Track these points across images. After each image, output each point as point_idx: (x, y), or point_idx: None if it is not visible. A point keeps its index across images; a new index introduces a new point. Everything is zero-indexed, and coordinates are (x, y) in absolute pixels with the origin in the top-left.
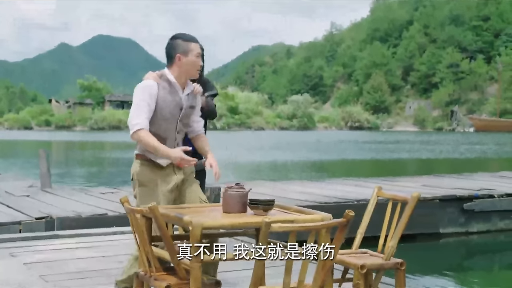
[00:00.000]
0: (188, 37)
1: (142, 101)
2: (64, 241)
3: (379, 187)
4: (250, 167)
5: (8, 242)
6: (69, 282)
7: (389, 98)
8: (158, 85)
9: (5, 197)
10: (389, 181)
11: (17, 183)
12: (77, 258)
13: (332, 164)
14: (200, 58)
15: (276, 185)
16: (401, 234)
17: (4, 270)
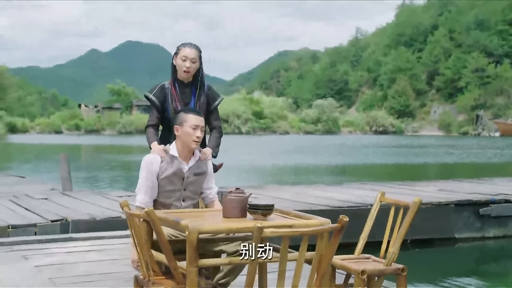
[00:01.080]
0: (189, 109)
1: (144, 179)
2: (77, 244)
3: (382, 192)
4: (272, 170)
5: (22, 244)
6: (76, 285)
7: (414, 102)
8: (162, 159)
9: (24, 200)
10: (407, 186)
11: (39, 186)
12: (88, 261)
13: (355, 168)
14: (199, 130)
15: (293, 189)
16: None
17: (15, 272)
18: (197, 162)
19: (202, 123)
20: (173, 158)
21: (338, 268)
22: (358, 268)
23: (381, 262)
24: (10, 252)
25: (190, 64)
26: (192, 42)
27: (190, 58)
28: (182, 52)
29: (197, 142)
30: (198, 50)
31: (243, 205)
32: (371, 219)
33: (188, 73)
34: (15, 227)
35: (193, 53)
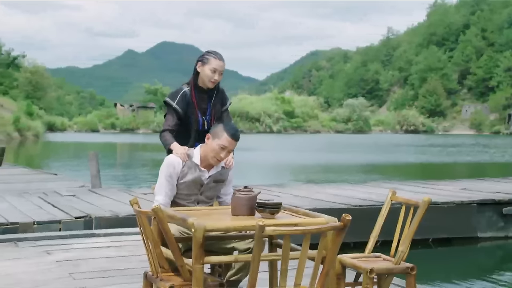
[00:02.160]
0: (230, 128)
1: (164, 179)
2: (98, 240)
3: (393, 191)
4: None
5: (46, 240)
6: (93, 281)
7: (445, 101)
8: (184, 163)
9: (52, 197)
10: (430, 185)
11: (69, 183)
12: (106, 257)
13: (384, 166)
14: (225, 151)
15: (314, 187)
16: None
17: (36, 266)
18: (220, 170)
19: (232, 147)
20: (195, 165)
21: (348, 266)
22: (366, 267)
23: (391, 261)
24: (34, 247)
25: (218, 76)
26: (224, 42)
27: (219, 70)
28: (212, 63)
29: (218, 161)
30: (224, 61)
31: (251, 203)
32: (381, 218)
33: (213, 84)
34: (40, 223)
35: (222, 65)
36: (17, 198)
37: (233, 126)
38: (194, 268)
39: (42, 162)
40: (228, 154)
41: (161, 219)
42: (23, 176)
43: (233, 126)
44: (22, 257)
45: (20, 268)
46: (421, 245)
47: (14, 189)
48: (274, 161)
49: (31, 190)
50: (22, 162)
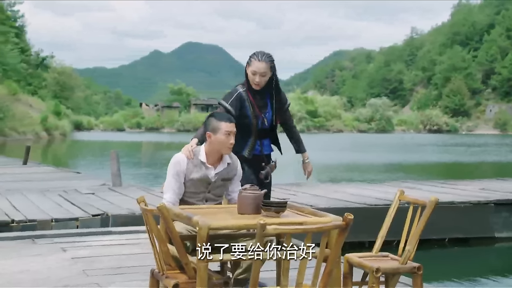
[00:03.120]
0: (222, 116)
1: (172, 178)
2: (114, 238)
3: (401, 190)
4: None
5: (63, 237)
6: (106, 277)
7: (469, 101)
8: (189, 161)
9: (72, 195)
10: (449, 184)
11: (91, 182)
12: (121, 254)
13: (406, 166)
14: (232, 136)
15: (332, 187)
16: (419, 238)
17: (52, 263)
18: (226, 167)
19: (234, 129)
20: (201, 163)
21: (355, 265)
22: (373, 266)
23: (398, 260)
24: (51, 244)
25: (260, 78)
26: (249, 42)
27: (260, 72)
28: (253, 65)
29: (231, 148)
30: (268, 61)
31: (257, 202)
32: (389, 218)
33: (258, 86)
34: (58, 220)
35: (262, 67)
36: (38, 196)
37: (222, 113)
38: (198, 266)
39: (68, 161)
40: (234, 138)
41: (165, 217)
42: (47, 174)
43: (222, 114)
44: (38, 254)
45: (35, 265)
46: (437, 245)
47: (36, 187)
48: (295, 160)
49: (52, 188)
50: (48, 161)
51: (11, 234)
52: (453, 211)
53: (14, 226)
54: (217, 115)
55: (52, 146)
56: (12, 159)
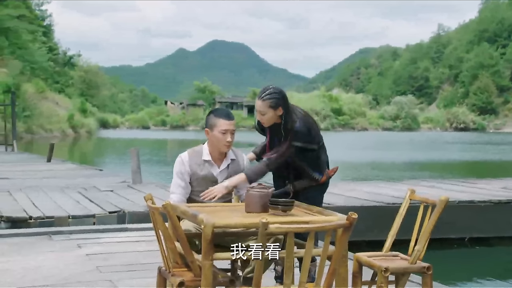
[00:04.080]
0: (220, 112)
1: (176, 177)
2: (129, 234)
3: (412, 190)
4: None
5: (79, 233)
6: (118, 274)
7: (497, 99)
8: (192, 160)
9: (91, 192)
10: (469, 183)
11: (111, 179)
12: (135, 251)
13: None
14: (228, 134)
15: (348, 185)
16: (430, 237)
17: (66, 260)
18: (231, 163)
19: (231, 127)
20: (204, 161)
21: (364, 264)
22: (381, 265)
23: (408, 260)
24: (67, 241)
25: (260, 116)
26: (275, 40)
27: (259, 110)
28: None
29: (228, 146)
30: (267, 100)
31: (264, 200)
32: (399, 217)
33: (264, 124)
34: (75, 217)
35: (259, 106)
36: (57, 192)
37: (221, 108)
38: (203, 265)
39: (91, 158)
40: (233, 136)
41: (171, 215)
42: (69, 171)
43: (221, 109)
44: (54, 250)
45: (50, 261)
46: (457, 244)
47: (58, 184)
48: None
49: (73, 185)
50: (73, 158)
51: (28, 230)
52: (473, 210)
53: (31, 222)
54: (215, 111)
55: (78, 143)
56: (37, 156)
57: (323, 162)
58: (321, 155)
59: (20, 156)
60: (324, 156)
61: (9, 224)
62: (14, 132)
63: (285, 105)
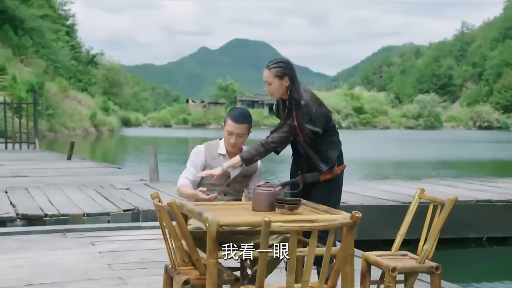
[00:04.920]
0: (233, 113)
1: (189, 165)
2: (142, 232)
3: (421, 189)
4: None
5: (93, 231)
6: (130, 272)
7: None
8: (207, 153)
9: (107, 190)
10: (488, 182)
11: (129, 177)
12: (147, 249)
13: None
14: (234, 136)
15: (365, 184)
16: (439, 237)
17: (79, 257)
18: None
19: (237, 130)
20: (220, 155)
21: (372, 264)
22: (389, 265)
23: (417, 259)
24: (81, 238)
25: (267, 87)
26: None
27: (266, 80)
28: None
29: (232, 147)
30: (273, 69)
31: (271, 199)
32: (409, 216)
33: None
34: (90, 215)
35: (265, 75)
36: (74, 190)
37: (238, 109)
38: (208, 263)
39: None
40: (239, 139)
41: (176, 213)
42: (88, 169)
43: (237, 110)
44: (67, 247)
45: (62, 258)
46: (475, 243)
47: (75, 182)
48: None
49: (90, 183)
50: (94, 156)
51: (43, 227)
52: (491, 210)
53: (46, 220)
54: (231, 110)
55: (100, 141)
56: (58, 154)
57: (333, 154)
58: (331, 145)
59: (41, 154)
60: (332, 149)
61: (24, 222)
62: (36, 130)
63: (292, 77)
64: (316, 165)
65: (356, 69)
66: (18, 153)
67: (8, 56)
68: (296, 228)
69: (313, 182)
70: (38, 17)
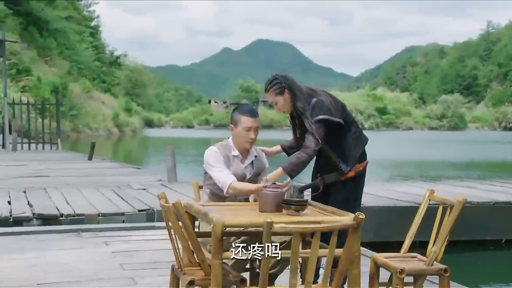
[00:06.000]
0: (244, 109)
1: (216, 164)
2: (156, 232)
3: (431, 190)
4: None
5: (107, 231)
6: (141, 272)
7: None
8: (222, 153)
9: (124, 190)
10: (509, 183)
11: (147, 177)
12: (159, 249)
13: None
14: (252, 131)
15: (382, 185)
16: (447, 239)
17: (92, 256)
18: (255, 160)
19: (255, 124)
20: (234, 157)
21: (380, 266)
22: (397, 266)
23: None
24: (95, 238)
25: (276, 107)
26: (317, 39)
27: (271, 102)
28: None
29: (251, 143)
30: (271, 89)
31: (278, 200)
32: (418, 217)
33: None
34: (105, 215)
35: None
36: (91, 190)
37: (246, 106)
38: (213, 264)
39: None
40: (256, 133)
41: (181, 213)
42: (107, 169)
43: (245, 106)
44: (81, 247)
45: (75, 257)
46: (493, 246)
47: (94, 182)
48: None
49: (108, 183)
50: (115, 156)
51: (58, 227)
52: (510, 212)
53: (62, 220)
54: (240, 108)
55: (122, 142)
56: (80, 154)
57: (353, 152)
58: (350, 144)
59: (63, 154)
60: (355, 146)
61: (40, 221)
62: (59, 131)
63: (291, 87)
64: (337, 166)
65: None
66: (41, 154)
67: (33, 57)
68: (298, 229)
69: (333, 182)
70: (62, 19)
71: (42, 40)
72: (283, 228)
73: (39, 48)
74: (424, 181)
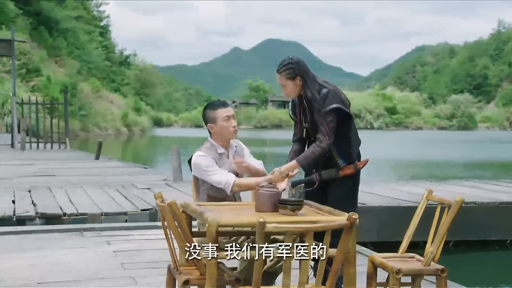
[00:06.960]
0: (214, 104)
1: (209, 168)
2: (158, 232)
3: (429, 190)
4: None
5: (109, 230)
6: (142, 271)
7: None
8: (209, 155)
9: (128, 190)
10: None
11: (153, 177)
12: (162, 249)
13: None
14: (232, 119)
15: (388, 185)
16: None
17: (93, 256)
18: (236, 152)
19: (231, 112)
20: (220, 155)
21: (377, 266)
22: (394, 266)
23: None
24: (97, 237)
25: (283, 90)
26: (328, 39)
27: (280, 84)
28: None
29: (235, 131)
30: (283, 72)
31: (274, 200)
32: (416, 217)
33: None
34: (107, 214)
35: (278, 80)
36: (95, 190)
37: (213, 101)
38: (208, 263)
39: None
40: (235, 120)
41: (176, 213)
42: (113, 169)
43: (214, 102)
44: (83, 246)
45: (77, 256)
46: (498, 246)
47: (99, 181)
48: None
49: (112, 182)
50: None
51: (61, 226)
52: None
53: (65, 219)
54: (209, 105)
55: (131, 141)
56: (87, 154)
57: (353, 149)
58: (352, 139)
59: (71, 153)
60: (354, 143)
61: (43, 221)
62: (67, 130)
63: (303, 75)
64: (335, 161)
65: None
66: (49, 153)
67: (43, 57)
68: (290, 229)
69: (331, 179)
70: (72, 19)
71: (52, 39)
72: (276, 228)
73: (49, 48)
74: (430, 181)
